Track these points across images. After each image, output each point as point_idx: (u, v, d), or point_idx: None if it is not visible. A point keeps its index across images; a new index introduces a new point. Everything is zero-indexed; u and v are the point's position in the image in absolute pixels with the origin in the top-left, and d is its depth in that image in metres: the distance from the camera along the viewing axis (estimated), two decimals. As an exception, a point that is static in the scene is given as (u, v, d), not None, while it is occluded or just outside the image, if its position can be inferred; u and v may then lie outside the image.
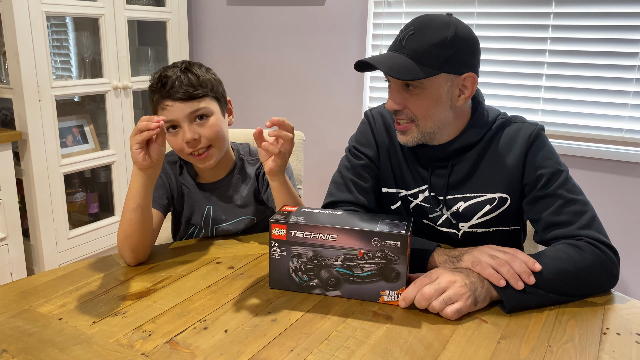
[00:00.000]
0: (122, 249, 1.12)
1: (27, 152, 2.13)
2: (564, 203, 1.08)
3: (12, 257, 2.12)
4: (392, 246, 0.93)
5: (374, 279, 0.96)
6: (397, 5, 2.39)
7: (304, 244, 0.98)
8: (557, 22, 2.08)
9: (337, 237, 0.96)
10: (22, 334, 0.86)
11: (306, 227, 0.97)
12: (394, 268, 0.94)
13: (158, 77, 1.20)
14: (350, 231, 0.95)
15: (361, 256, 0.95)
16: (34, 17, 2.05)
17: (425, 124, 1.10)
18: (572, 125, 2.13)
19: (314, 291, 1.00)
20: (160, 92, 1.19)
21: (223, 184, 1.32)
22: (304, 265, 0.99)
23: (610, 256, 1.01)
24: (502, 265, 0.95)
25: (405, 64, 1.04)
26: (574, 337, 0.87)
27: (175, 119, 1.19)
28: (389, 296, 0.96)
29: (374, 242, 0.94)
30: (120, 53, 2.43)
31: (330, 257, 0.97)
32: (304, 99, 2.69)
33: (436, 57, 1.04)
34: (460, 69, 1.07)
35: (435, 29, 1.05)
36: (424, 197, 1.20)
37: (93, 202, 2.57)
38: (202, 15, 2.88)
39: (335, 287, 0.98)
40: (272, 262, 1.01)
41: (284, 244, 0.99)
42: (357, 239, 0.95)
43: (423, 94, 1.07)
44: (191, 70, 1.22)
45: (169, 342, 0.84)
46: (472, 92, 1.11)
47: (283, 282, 1.01)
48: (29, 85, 2.08)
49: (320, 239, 0.97)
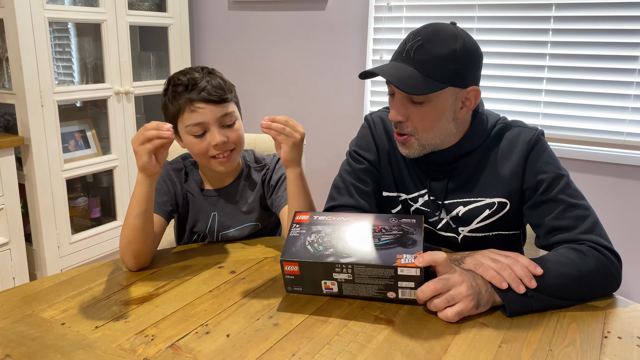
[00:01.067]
0: (124, 254, 1.12)
1: (29, 157, 2.14)
2: (566, 208, 1.08)
3: (15, 262, 2.13)
4: (408, 222, 1.01)
5: (391, 246, 0.97)
6: (398, 9, 2.40)
7: (325, 224, 1.04)
8: (557, 26, 2.09)
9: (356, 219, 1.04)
10: (25, 338, 0.86)
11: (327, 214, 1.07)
12: (410, 237, 0.98)
13: (187, 79, 1.19)
14: (369, 215, 1.05)
15: (379, 230, 1.01)
16: (36, 23, 2.06)
17: (427, 137, 1.10)
18: (572, 129, 2.13)
19: (327, 259, 0.96)
20: (189, 94, 1.18)
21: (229, 190, 1.32)
22: (321, 238, 1.01)
23: (612, 260, 1.01)
24: (504, 268, 0.95)
25: (413, 76, 1.03)
26: (575, 340, 0.87)
27: (206, 122, 1.19)
28: (406, 259, 0.93)
29: (391, 220, 1.03)
30: (122, 58, 2.44)
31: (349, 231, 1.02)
32: (305, 104, 2.70)
33: (444, 70, 1.03)
34: (465, 82, 1.07)
35: (443, 40, 1.03)
36: (424, 201, 1.21)
37: (95, 206, 2.58)
38: (204, 20, 2.90)
39: (350, 254, 0.97)
40: (289, 239, 1.02)
41: (305, 226, 1.04)
42: (375, 220, 1.03)
43: (428, 107, 1.07)
44: (215, 74, 1.23)
45: (171, 346, 0.85)
46: (474, 105, 1.11)
47: (297, 253, 0.99)
48: (31, 90, 2.09)
49: (340, 221, 1.04)
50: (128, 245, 1.11)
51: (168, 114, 1.24)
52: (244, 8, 2.76)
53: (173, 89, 1.21)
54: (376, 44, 2.48)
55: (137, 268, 1.13)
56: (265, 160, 1.36)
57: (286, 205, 1.25)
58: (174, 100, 1.21)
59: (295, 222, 1.05)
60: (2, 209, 2.06)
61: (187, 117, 1.19)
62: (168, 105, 1.23)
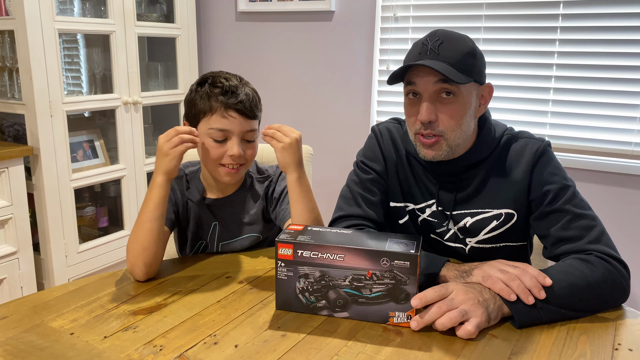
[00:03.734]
0: (135, 263, 1.11)
1: (38, 166, 2.15)
2: (572, 218, 1.08)
3: (23, 271, 2.14)
4: (401, 266, 0.92)
5: (383, 300, 0.94)
6: (405, 20, 2.41)
7: (311, 264, 0.96)
8: (564, 36, 2.09)
9: (345, 257, 0.94)
10: (35, 348, 0.87)
11: (313, 246, 0.95)
12: (403, 289, 0.93)
13: (228, 85, 1.19)
14: (359, 251, 0.93)
15: (370, 277, 0.94)
16: (46, 34, 2.09)
17: (455, 136, 1.10)
18: (580, 139, 2.12)
19: (321, 312, 0.98)
20: (226, 99, 1.18)
21: (231, 200, 1.32)
22: (311, 286, 0.97)
23: (620, 270, 1.01)
24: (513, 279, 0.95)
25: (448, 68, 1.05)
26: (586, 353, 0.87)
27: (232, 131, 1.19)
28: (399, 318, 0.94)
29: (382, 262, 0.92)
30: (131, 69, 2.46)
31: (338, 278, 0.95)
32: (312, 114, 2.71)
33: (469, 65, 1.07)
34: (482, 79, 1.11)
35: (459, 40, 1.09)
36: (431, 211, 1.21)
37: (102, 216, 2.59)
38: (211, 31, 2.92)
39: (343, 309, 0.97)
40: (278, 283, 0.99)
41: (290, 264, 0.97)
42: (366, 259, 0.93)
43: (457, 102, 1.08)
44: (250, 86, 1.25)
45: (179, 357, 0.85)
46: (488, 102, 1.14)
47: (290, 303, 0.99)
48: (41, 101, 2.11)
49: (327, 258, 0.95)
50: (142, 252, 1.10)
51: (194, 110, 1.22)
52: (251, 19, 2.78)
53: (210, 88, 1.20)
54: (383, 55, 2.49)
55: (145, 278, 1.12)
56: (269, 172, 1.36)
57: (289, 219, 1.24)
58: (207, 99, 1.20)
59: (279, 257, 0.97)
60: (11, 218, 2.08)
61: (216, 120, 1.19)
62: (197, 101, 1.21)
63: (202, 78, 1.24)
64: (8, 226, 2.08)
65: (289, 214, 1.24)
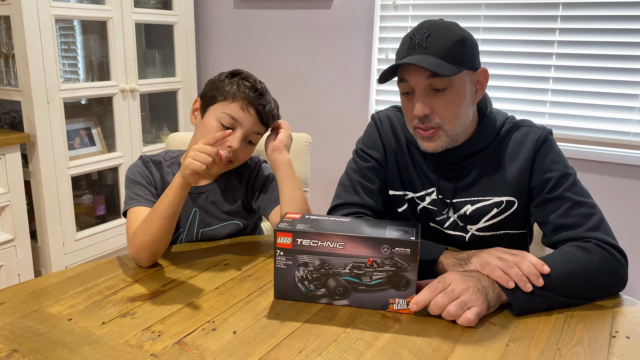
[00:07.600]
0: (141, 252, 1.11)
1: (35, 154, 2.14)
2: (572, 205, 1.08)
3: (20, 259, 2.14)
4: (402, 253, 0.92)
5: (383, 287, 0.94)
6: (404, 8, 2.39)
7: (311, 253, 0.95)
8: (564, 26, 2.08)
9: (345, 245, 0.93)
10: (33, 334, 0.87)
11: (313, 234, 0.94)
12: (403, 275, 0.93)
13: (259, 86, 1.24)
14: (359, 239, 0.92)
15: (370, 264, 0.93)
16: (43, 20, 2.07)
17: (453, 127, 1.10)
18: (579, 129, 2.12)
19: (320, 300, 0.97)
20: (252, 97, 1.22)
21: (212, 187, 1.31)
22: (310, 274, 0.96)
23: (618, 258, 1.01)
24: (511, 267, 0.95)
25: (436, 61, 1.04)
26: (583, 340, 0.87)
27: (242, 124, 1.21)
28: (399, 304, 0.94)
29: (383, 249, 0.92)
30: (128, 56, 2.44)
31: (338, 266, 0.95)
32: (310, 102, 2.70)
33: (460, 54, 1.06)
34: (474, 65, 1.10)
35: (447, 28, 1.07)
36: (431, 199, 1.20)
37: (100, 204, 2.58)
38: (209, 18, 2.90)
39: (342, 297, 0.96)
40: (277, 272, 0.98)
41: (289, 253, 0.96)
42: (366, 247, 0.93)
43: (451, 93, 1.08)
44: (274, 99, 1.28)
45: (178, 342, 0.85)
46: (485, 86, 1.13)
47: (289, 292, 0.98)
48: (37, 87, 2.09)
49: (327, 247, 0.94)
50: (151, 243, 1.11)
51: (216, 92, 1.24)
52: (249, 6, 2.76)
53: (242, 80, 1.24)
54: (382, 43, 2.48)
55: (150, 265, 1.13)
56: (248, 162, 1.35)
57: (275, 208, 1.25)
58: (235, 87, 1.22)
59: (278, 246, 0.96)
60: (8, 205, 2.07)
61: (233, 108, 1.21)
62: (225, 85, 1.23)
63: (235, 71, 1.27)
64: (5, 214, 2.07)
65: (273, 203, 1.26)
